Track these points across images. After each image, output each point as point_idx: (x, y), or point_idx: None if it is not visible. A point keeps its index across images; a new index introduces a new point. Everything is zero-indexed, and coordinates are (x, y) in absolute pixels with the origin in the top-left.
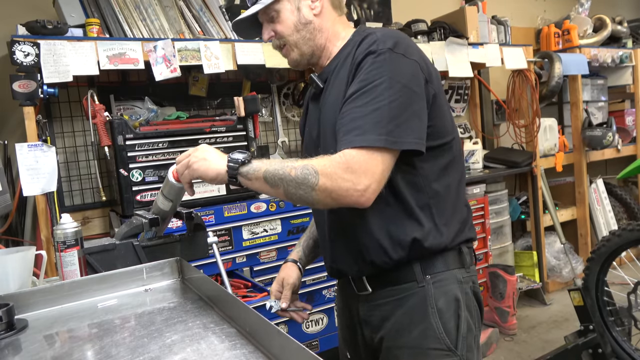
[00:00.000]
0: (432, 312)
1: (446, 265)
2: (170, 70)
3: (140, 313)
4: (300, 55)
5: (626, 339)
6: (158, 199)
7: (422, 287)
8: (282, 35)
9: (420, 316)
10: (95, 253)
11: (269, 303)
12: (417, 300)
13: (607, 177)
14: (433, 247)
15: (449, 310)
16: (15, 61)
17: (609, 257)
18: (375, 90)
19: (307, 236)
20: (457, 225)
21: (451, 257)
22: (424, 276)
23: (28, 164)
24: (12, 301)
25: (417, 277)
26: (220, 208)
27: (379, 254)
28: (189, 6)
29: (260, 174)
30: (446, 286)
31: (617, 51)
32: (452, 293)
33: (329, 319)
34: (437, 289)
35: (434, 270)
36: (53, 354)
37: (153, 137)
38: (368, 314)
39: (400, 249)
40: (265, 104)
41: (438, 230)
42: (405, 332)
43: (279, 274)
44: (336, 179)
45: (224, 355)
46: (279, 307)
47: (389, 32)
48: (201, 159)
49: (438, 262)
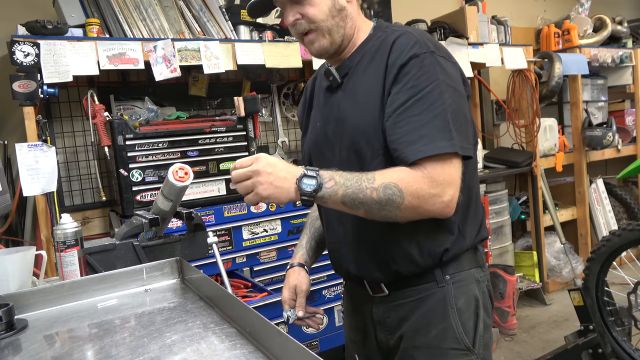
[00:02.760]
0: (452, 312)
1: (464, 265)
2: (170, 70)
3: (140, 313)
4: (331, 43)
5: (626, 339)
6: (158, 199)
7: (441, 287)
8: (314, 20)
9: (439, 316)
10: (95, 253)
11: (286, 314)
12: (436, 300)
13: (607, 177)
14: (457, 252)
15: (469, 310)
16: (15, 61)
17: (609, 257)
18: (430, 97)
19: (308, 237)
20: (476, 226)
21: (469, 257)
22: (444, 276)
23: (28, 164)
24: (12, 301)
25: (436, 277)
26: (220, 208)
27: (405, 263)
28: (189, 6)
29: (337, 198)
30: (465, 286)
31: (617, 51)
32: (471, 293)
33: (329, 319)
34: (456, 289)
35: (453, 270)
36: (53, 354)
37: (153, 137)
38: (384, 316)
39: (430, 259)
40: (265, 104)
41: (462, 234)
42: (423, 332)
43: (289, 280)
44: (423, 195)
45: (224, 355)
46: (295, 316)
47: (420, 32)
48: (267, 183)
49: (457, 263)
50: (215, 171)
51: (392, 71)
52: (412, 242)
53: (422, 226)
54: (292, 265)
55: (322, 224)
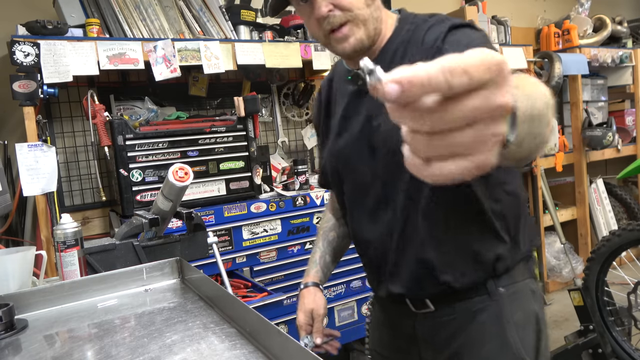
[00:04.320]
0: (509, 326)
1: (518, 276)
2: (170, 70)
3: (140, 313)
4: (367, 35)
5: (626, 339)
6: (158, 199)
7: (495, 300)
8: (351, 9)
9: (495, 331)
10: (95, 253)
11: (303, 341)
12: (489, 315)
13: (607, 177)
14: (511, 262)
15: (528, 324)
16: (15, 61)
17: (609, 257)
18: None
19: (321, 251)
20: (528, 233)
21: (522, 267)
22: (497, 289)
23: (28, 164)
24: (12, 301)
25: (489, 290)
26: (220, 208)
27: (456, 274)
28: (189, 6)
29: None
30: (521, 299)
31: (617, 51)
32: (529, 306)
33: (329, 319)
34: (512, 303)
35: (507, 281)
36: (53, 354)
37: (153, 137)
38: (430, 334)
39: (482, 270)
40: (265, 104)
41: (516, 242)
42: (477, 348)
43: (304, 302)
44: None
45: (224, 355)
46: (313, 344)
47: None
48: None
49: (510, 274)
50: (215, 171)
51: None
52: (465, 248)
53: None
54: (306, 285)
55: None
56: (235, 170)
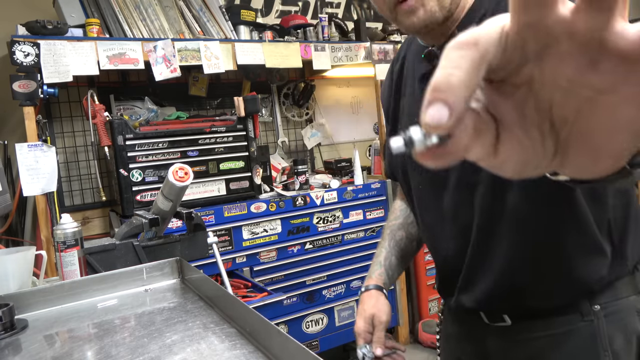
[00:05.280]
0: (606, 355)
1: (621, 292)
2: (170, 70)
3: (140, 313)
4: (440, 6)
5: None
6: (158, 199)
7: (588, 321)
8: None
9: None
10: (95, 253)
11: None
12: (582, 339)
13: None
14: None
15: (630, 354)
16: (15, 61)
17: None
18: None
19: (387, 251)
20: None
21: (627, 282)
22: (592, 307)
23: (28, 164)
24: (12, 301)
25: (581, 308)
26: (220, 208)
27: (545, 297)
28: (189, 6)
29: None
30: (623, 320)
31: None
32: (632, 328)
33: (329, 319)
34: (611, 324)
35: (606, 299)
36: (53, 354)
37: (153, 137)
38: (504, 351)
39: (577, 291)
40: (265, 104)
41: (621, 255)
42: None
43: (364, 308)
44: None
45: (224, 355)
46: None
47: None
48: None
49: (610, 290)
50: (215, 171)
51: None
52: (557, 270)
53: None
54: (367, 288)
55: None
56: (235, 170)
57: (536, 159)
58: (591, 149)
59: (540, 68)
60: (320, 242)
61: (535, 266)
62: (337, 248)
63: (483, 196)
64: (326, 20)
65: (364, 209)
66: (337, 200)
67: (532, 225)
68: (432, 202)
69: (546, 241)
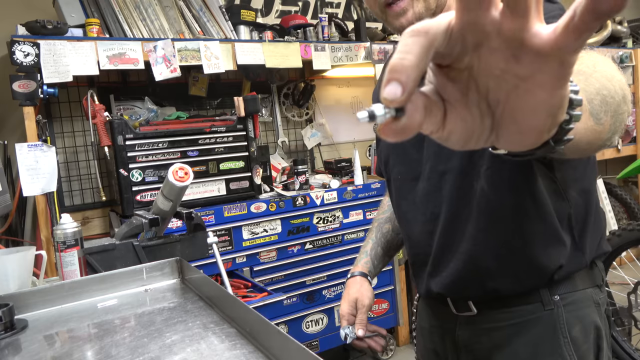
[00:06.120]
0: (566, 342)
1: (579, 284)
2: (170, 70)
3: (140, 313)
4: (427, 8)
5: (626, 339)
6: (158, 199)
7: (549, 310)
8: None
9: (548, 348)
10: (95, 253)
11: (344, 332)
12: (543, 327)
13: (607, 177)
14: (572, 270)
15: (587, 340)
16: (15, 61)
17: (609, 257)
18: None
19: (373, 242)
20: (597, 238)
21: (584, 275)
22: (552, 297)
23: (28, 164)
24: (12, 301)
25: (542, 297)
26: (220, 208)
27: (507, 281)
28: (189, 6)
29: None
30: (581, 310)
31: (617, 51)
32: (589, 319)
33: (329, 319)
34: (569, 313)
35: (565, 289)
36: (53, 354)
37: (153, 137)
38: (471, 340)
39: (537, 277)
40: (265, 104)
41: (579, 249)
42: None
43: (349, 292)
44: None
45: (224, 355)
46: (354, 335)
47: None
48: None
49: (569, 281)
50: (215, 171)
51: None
52: (521, 253)
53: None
54: (353, 275)
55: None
56: (235, 170)
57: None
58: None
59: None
60: (320, 242)
61: (498, 251)
62: (337, 248)
63: (452, 184)
64: (326, 20)
65: (364, 209)
66: (337, 200)
67: (497, 212)
68: (408, 191)
69: (509, 228)
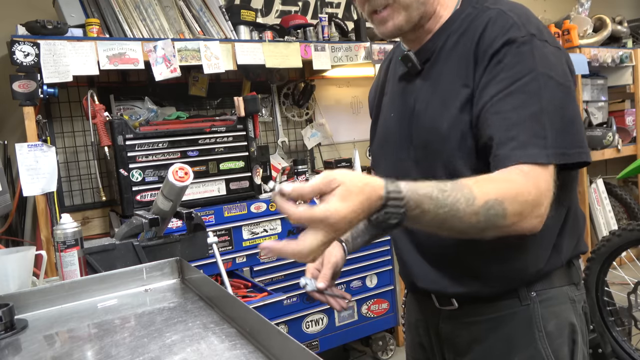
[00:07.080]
0: (540, 336)
1: (555, 281)
2: (170, 70)
3: (140, 313)
4: (407, 20)
5: (626, 339)
6: (158, 199)
7: (525, 305)
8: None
9: (524, 342)
10: (95, 253)
11: (304, 280)
12: (519, 321)
13: (607, 177)
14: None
15: (561, 335)
16: (15, 61)
17: (609, 257)
18: (524, 90)
19: None
20: (574, 239)
21: (561, 273)
22: (528, 293)
23: (28, 164)
24: (12, 301)
25: (519, 293)
26: (220, 208)
27: (487, 283)
28: (189, 6)
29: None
30: (557, 306)
31: (617, 51)
32: (564, 315)
33: (329, 319)
34: (545, 309)
35: (541, 286)
36: (53, 354)
37: (153, 137)
38: (453, 334)
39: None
40: (265, 104)
41: (557, 250)
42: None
43: None
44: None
45: (224, 355)
46: (314, 286)
47: (520, 8)
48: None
49: (545, 279)
50: (215, 171)
51: (483, 61)
52: (498, 259)
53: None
54: None
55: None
56: (235, 170)
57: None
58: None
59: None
60: None
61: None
62: None
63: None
64: (326, 20)
65: None
66: None
67: None
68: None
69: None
